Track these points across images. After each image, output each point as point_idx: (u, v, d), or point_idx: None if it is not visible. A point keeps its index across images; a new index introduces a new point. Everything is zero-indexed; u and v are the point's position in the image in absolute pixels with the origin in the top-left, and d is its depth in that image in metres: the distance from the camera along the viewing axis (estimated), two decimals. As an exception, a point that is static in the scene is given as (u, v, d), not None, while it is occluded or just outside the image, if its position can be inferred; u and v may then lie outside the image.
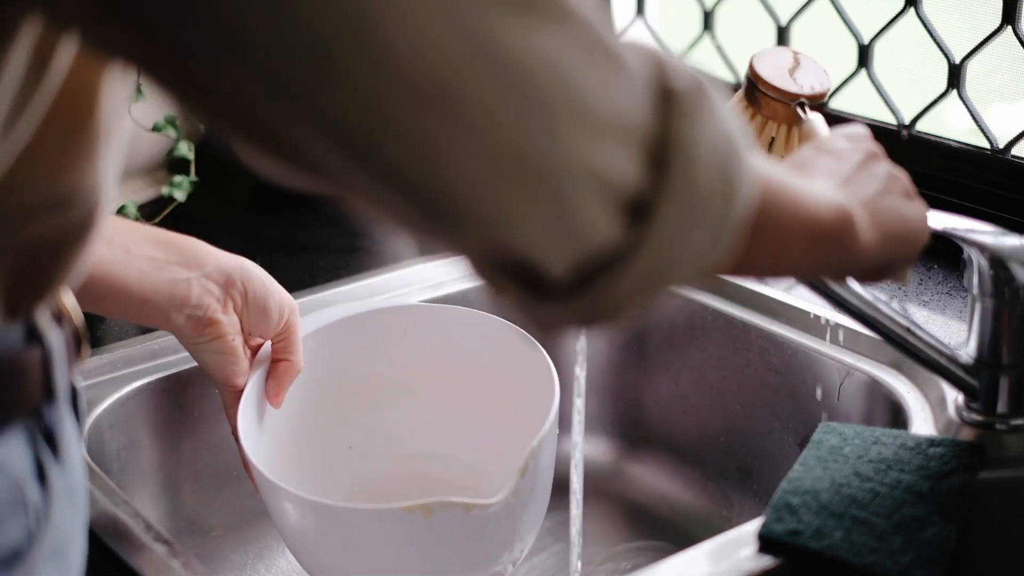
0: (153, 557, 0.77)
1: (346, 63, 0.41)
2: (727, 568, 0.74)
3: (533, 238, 0.45)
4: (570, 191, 0.45)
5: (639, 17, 1.41)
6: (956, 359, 0.85)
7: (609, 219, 0.46)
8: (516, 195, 0.44)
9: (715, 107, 0.50)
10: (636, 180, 0.46)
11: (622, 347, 1.15)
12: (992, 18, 1.09)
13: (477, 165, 0.43)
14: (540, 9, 0.44)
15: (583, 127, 0.45)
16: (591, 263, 0.47)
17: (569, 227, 0.46)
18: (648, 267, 0.48)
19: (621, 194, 0.46)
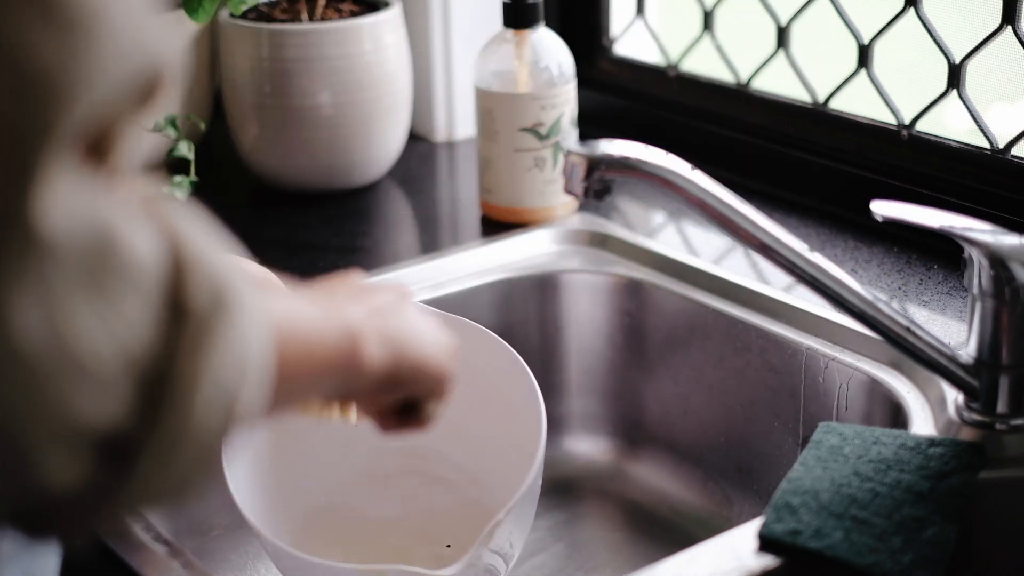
0: (153, 557, 0.77)
1: None
2: (727, 568, 0.74)
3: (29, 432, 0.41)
4: (29, 445, 0.41)
5: (639, 17, 1.41)
6: (956, 359, 0.85)
7: (76, 466, 0.42)
8: (13, 385, 0.40)
9: (231, 326, 0.45)
10: (121, 421, 0.43)
11: (622, 347, 1.15)
12: (992, 18, 1.09)
13: None
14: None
15: (64, 378, 0.41)
16: (59, 504, 0.43)
17: (24, 478, 0.42)
18: (117, 509, 0.45)
19: (99, 438, 0.43)
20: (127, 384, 0.43)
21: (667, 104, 1.38)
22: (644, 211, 1.26)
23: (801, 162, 1.24)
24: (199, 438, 0.45)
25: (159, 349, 0.44)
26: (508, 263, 1.16)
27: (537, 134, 1.19)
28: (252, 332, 0.47)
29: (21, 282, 0.40)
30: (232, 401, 0.46)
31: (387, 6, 1.34)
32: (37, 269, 0.41)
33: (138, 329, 0.43)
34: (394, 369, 0.62)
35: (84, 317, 0.41)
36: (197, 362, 0.44)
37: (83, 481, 0.43)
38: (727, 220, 0.83)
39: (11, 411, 0.41)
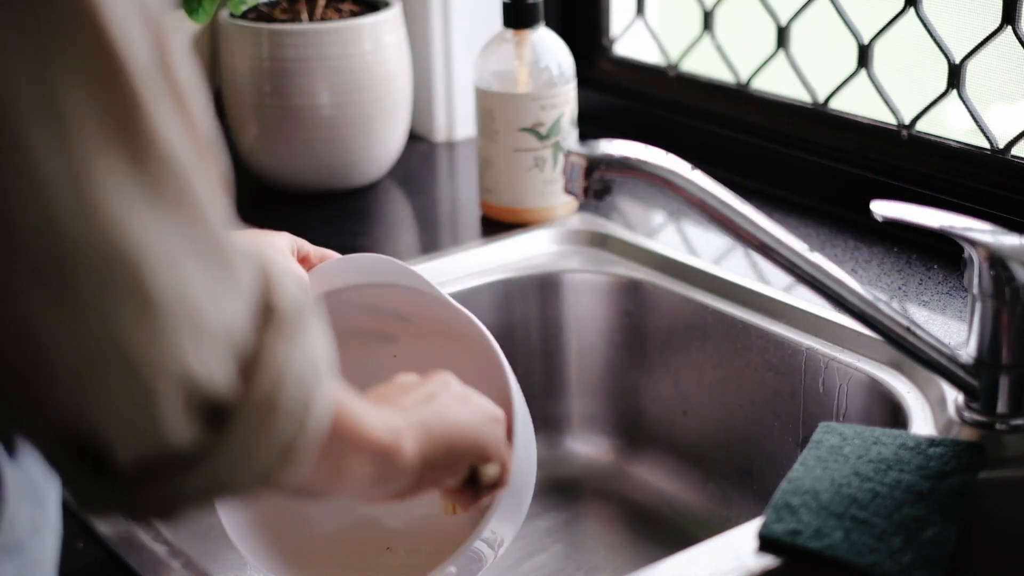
0: (153, 557, 0.77)
1: None
2: (727, 568, 0.74)
3: (109, 424, 0.46)
4: (158, 390, 0.46)
5: (639, 17, 1.41)
6: (956, 359, 0.85)
7: (188, 422, 0.47)
8: (105, 383, 0.45)
9: (310, 331, 0.52)
10: (222, 388, 0.48)
11: (622, 347, 1.15)
12: (992, 18, 1.09)
13: (75, 346, 0.45)
14: (169, 203, 0.46)
15: (186, 331, 0.46)
16: (158, 461, 0.48)
17: (148, 423, 0.46)
18: (210, 476, 0.49)
19: (206, 400, 0.47)
20: (229, 355, 0.48)
21: (667, 104, 1.38)
22: (644, 211, 1.26)
23: (801, 162, 1.24)
24: (283, 421, 0.50)
25: (252, 337, 0.49)
26: (508, 263, 1.16)
27: (537, 134, 1.19)
28: (323, 347, 0.53)
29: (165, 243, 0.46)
30: (309, 397, 0.51)
31: (387, 6, 1.34)
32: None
33: (239, 319, 0.49)
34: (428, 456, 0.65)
35: (202, 290, 0.47)
36: (283, 349, 0.50)
37: (188, 441, 0.47)
38: (727, 220, 0.83)
39: (146, 352, 0.45)
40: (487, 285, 1.14)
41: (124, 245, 0.44)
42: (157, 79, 0.45)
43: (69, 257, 0.44)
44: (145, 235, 0.45)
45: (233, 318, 0.48)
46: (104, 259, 0.44)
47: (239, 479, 0.50)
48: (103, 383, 0.45)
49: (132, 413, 0.46)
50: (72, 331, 0.44)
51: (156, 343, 0.45)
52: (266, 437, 0.49)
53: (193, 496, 0.49)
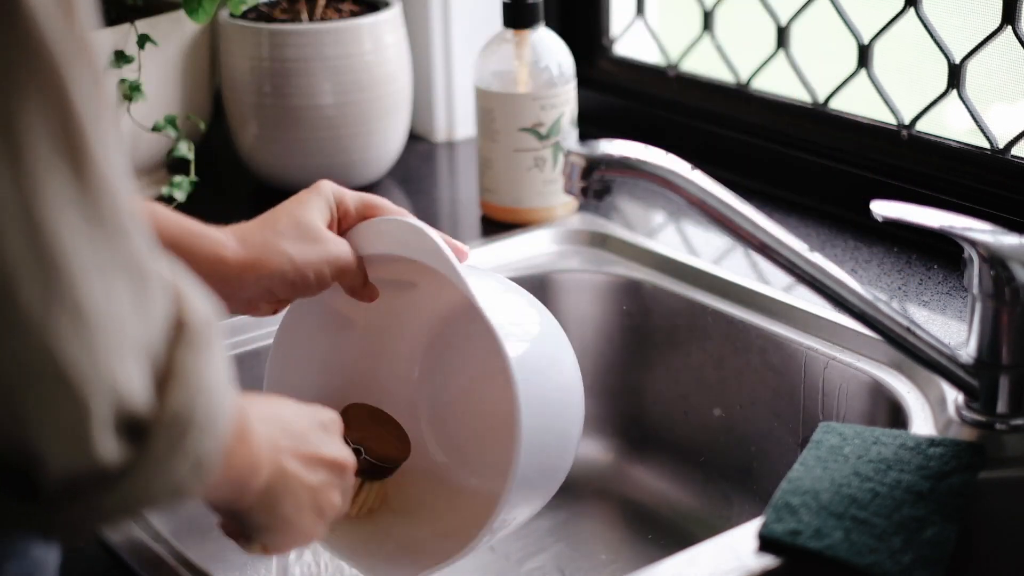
0: (153, 557, 0.77)
1: None
2: (727, 568, 0.74)
3: (43, 439, 0.46)
4: (91, 406, 0.47)
5: (639, 17, 1.41)
6: (956, 359, 0.85)
7: (113, 437, 0.48)
8: (42, 397, 0.46)
9: (216, 345, 0.53)
10: (143, 404, 0.49)
11: (622, 347, 1.15)
12: (992, 18, 1.09)
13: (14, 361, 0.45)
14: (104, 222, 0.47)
15: (114, 346, 0.47)
16: (84, 479, 0.48)
17: (80, 439, 0.47)
18: (130, 493, 0.49)
19: (129, 416, 0.48)
20: (148, 370, 0.49)
21: (667, 104, 1.38)
22: (644, 211, 1.26)
23: (801, 162, 1.24)
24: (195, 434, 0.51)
25: (165, 349, 0.51)
26: (508, 263, 1.16)
27: (537, 134, 1.19)
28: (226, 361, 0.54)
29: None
30: (218, 409, 0.52)
31: (387, 6, 1.34)
32: None
33: (155, 331, 0.50)
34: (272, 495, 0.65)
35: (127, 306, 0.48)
36: (194, 361, 0.51)
37: (113, 456, 0.48)
38: (727, 220, 0.83)
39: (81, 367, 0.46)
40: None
41: (64, 261, 0.45)
42: (95, 102, 0.47)
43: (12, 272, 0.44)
44: (83, 252, 0.46)
45: (151, 333, 0.49)
46: (45, 274, 0.45)
47: (155, 494, 0.51)
48: (41, 397, 0.46)
49: (67, 429, 0.46)
50: (11, 345, 0.45)
51: (90, 358, 0.46)
52: (181, 451, 0.51)
53: (111, 514, 0.50)
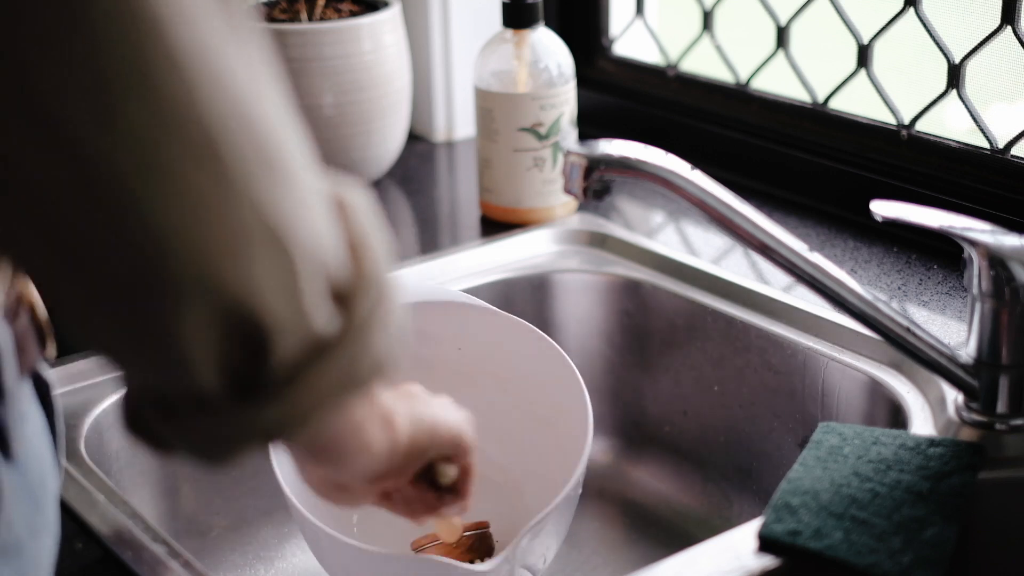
0: (152, 557, 0.77)
1: (126, 108, 0.41)
2: (727, 568, 0.74)
3: (272, 308, 0.45)
4: (307, 269, 0.45)
5: (639, 17, 1.41)
6: (956, 359, 0.85)
7: (326, 305, 0.47)
8: (264, 263, 0.44)
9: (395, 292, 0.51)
10: (342, 268, 0.48)
11: (622, 347, 1.15)
12: (992, 18, 1.09)
13: (235, 227, 0.43)
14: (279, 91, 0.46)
15: (316, 207, 0.46)
16: (310, 346, 0.47)
17: (301, 304, 0.46)
18: (348, 366, 0.48)
19: (334, 280, 0.47)
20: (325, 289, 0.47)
21: (667, 104, 1.38)
22: (644, 211, 1.26)
23: (801, 162, 1.24)
24: (386, 303, 0.49)
25: (348, 272, 0.48)
26: (508, 263, 1.16)
27: (537, 134, 1.19)
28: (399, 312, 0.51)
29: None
30: (391, 348, 0.50)
31: (387, 6, 1.34)
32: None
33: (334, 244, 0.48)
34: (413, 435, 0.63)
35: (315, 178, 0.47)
36: (371, 238, 0.50)
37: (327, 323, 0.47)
38: (727, 220, 0.83)
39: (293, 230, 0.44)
40: (486, 285, 1.14)
41: (265, 123, 0.44)
42: None
43: (222, 135, 0.43)
44: (278, 115, 0.45)
45: (332, 248, 0.48)
46: (250, 135, 0.43)
47: (367, 364, 0.49)
48: (260, 266, 0.44)
49: (289, 297, 0.45)
50: (228, 209, 0.43)
51: (299, 225, 0.45)
52: (379, 320, 0.49)
53: (327, 396, 0.48)
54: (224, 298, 0.44)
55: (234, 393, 0.46)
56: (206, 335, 0.44)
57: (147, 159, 0.42)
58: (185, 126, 0.42)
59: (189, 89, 0.42)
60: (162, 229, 0.42)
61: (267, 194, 0.44)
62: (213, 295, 0.44)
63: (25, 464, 0.57)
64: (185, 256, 0.43)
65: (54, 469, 0.61)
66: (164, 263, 0.43)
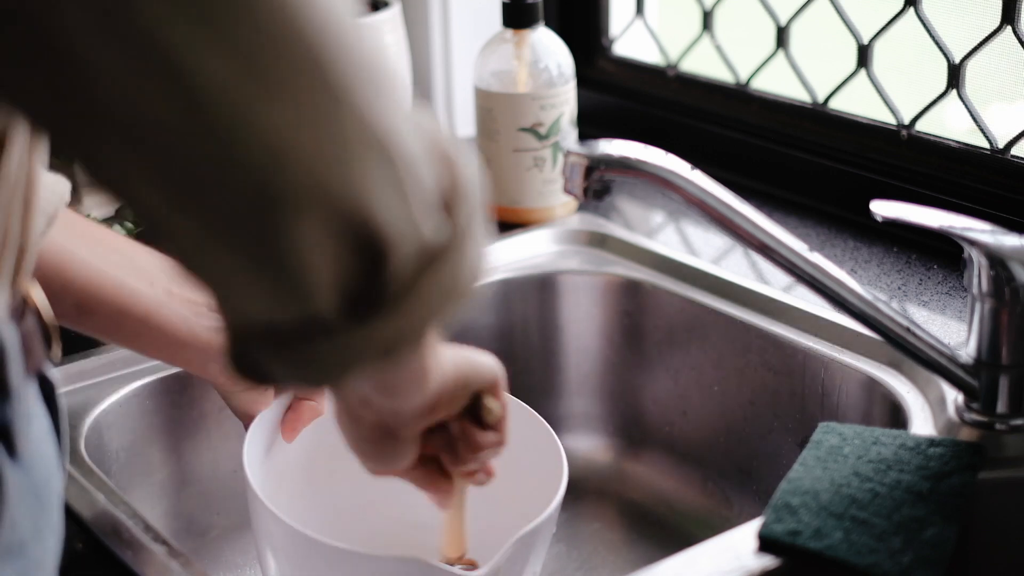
0: (152, 557, 0.77)
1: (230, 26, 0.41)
2: (727, 568, 0.74)
3: (387, 217, 0.45)
4: (416, 178, 0.46)
5: (639, 17, 1.41)
6: (956, 359, 0.85)
7: (434, 213, 0.47)
8: (376, 172, 0.44)
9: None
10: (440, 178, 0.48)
11: (622, 347, 1.15)
12: (992, 18, 1.09)
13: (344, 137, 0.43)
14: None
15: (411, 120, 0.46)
16: (423, 256, 0.47)
17: (413, 213, 0.46)
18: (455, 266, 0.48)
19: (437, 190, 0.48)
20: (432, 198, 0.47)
21: (667, 104, 1.38)
22: (644, 211, 1.26)
23: (801, 162, 1.24)
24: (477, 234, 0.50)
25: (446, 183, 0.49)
26: (508, 263, 1.16)
27: (537, 134, 1.19)
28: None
29: None
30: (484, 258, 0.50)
31: (387, 6, 1.34)
32: None
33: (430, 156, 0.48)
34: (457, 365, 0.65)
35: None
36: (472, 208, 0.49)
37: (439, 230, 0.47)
38: (727, 220, 0.83)
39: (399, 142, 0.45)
40: (486, 285, 1.14)
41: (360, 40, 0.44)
42: None
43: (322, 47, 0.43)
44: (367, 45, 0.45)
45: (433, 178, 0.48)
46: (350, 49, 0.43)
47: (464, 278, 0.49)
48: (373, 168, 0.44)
49: (400, 200, 0.45)
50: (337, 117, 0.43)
51: (403, 131, 0.45)
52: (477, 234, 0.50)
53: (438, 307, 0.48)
54: (341, 208, 0.43)
55: (351, 312, 0.46)
56: (324, 250, 0.44)
57: (253, 76, 0.41)
58: (289, 40, 0.42)
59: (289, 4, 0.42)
60: (273, 144, 0.42)
61: (371, 105, 0.44)
62: (330, 206, 0.43)
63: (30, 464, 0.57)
64: (298, 169, 0.42)
65: (58, 470, 0.61)
66: (278, 178, 0.42)
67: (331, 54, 0.43)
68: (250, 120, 0.42)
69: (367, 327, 0.46)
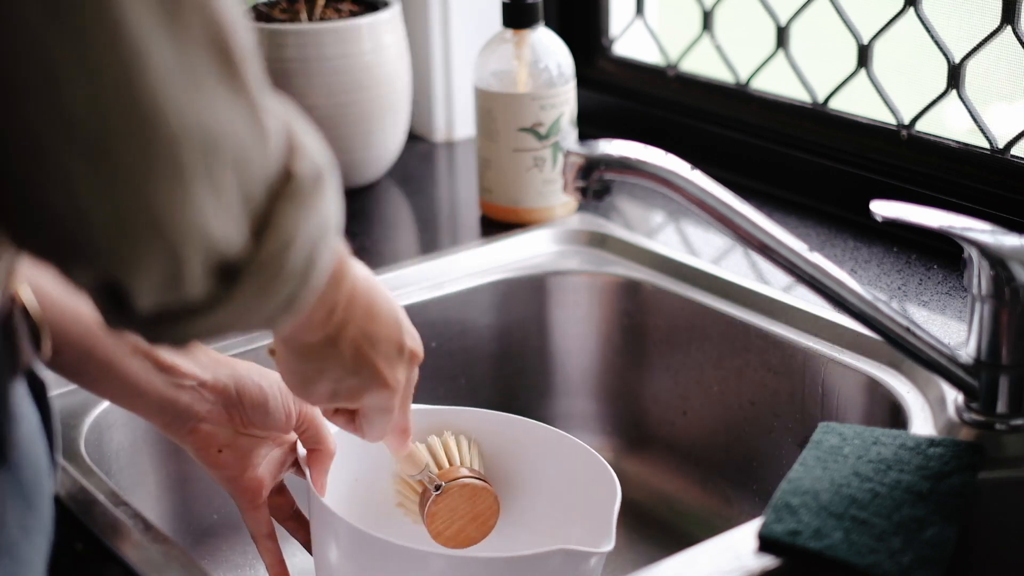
0: (153, 557, 0.77)
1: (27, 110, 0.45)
2: (727, 568, 0.74)
3: (135, 280, 0.49)
4: (183, 254, 0.49)
5: (639, 17, 1.41)
6: (956, 359, 0.85)
7: (205, 278, 0.50)
8: (137, 247, 0.48)
9: (325, 194, 0.54)
10: (236, 248, 0.51)
11: (622, 347, 1.15)
12: (992, 18, 1.09)
13: (112, 213, 0.47)
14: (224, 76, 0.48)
15: (211, 198, 0.49)
16: (174, 308, 0.50)
17: (171, 282, 0.49)
18: (218, 321, 0.52)
19: (222, 258, 0.50)
20: (245, 218, 0.51)
21: (667, 104, 1.38)
22: (644, 211, 1.26)
23: (801, 162, 1.24)
24: (287, 280, 0.53)
25: (266, 200, 0.51)
26: (507, 263, 1.16)
27: (537, 134, 1.19)
28: (336, 208, 0.56)
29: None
30: (314, 257, 0.54)
31: (386, 6, 1.34)
32: None
33: (261, 180, 0.51)
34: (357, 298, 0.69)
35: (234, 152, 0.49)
36: (295, 215, 0.52)
37: (202, 295, 0.50)
38: (727, 220, 0.83)
39: (176, 220, 0.48)
40: (487, 285, 1.14)
41: (166, 118, 0.46)
42: None
43: (113, 131, 0.46)
44: (187, 101, 0.47)
45: (256, 183, 0.51)
46: (145, 133, 0.46)
47: (243, 325, 0.54)
48: (135, 247, 0.48)
49: (158, 274, 0.49)
50: (110, 199, 0.47)
51: (185, 211, 0.48)
52: (271, 293, 0.53)
53: (202, 335, 0.53)
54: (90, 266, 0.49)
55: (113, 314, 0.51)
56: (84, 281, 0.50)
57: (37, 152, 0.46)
58: (80, 124, 0.45)
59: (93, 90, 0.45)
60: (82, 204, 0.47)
61: (155, 192, 0.47)
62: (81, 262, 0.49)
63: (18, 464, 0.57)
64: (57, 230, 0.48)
65: (49, 469, 0.61)
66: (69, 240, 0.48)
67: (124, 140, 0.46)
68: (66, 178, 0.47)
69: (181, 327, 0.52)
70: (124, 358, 0.78)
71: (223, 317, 0.52)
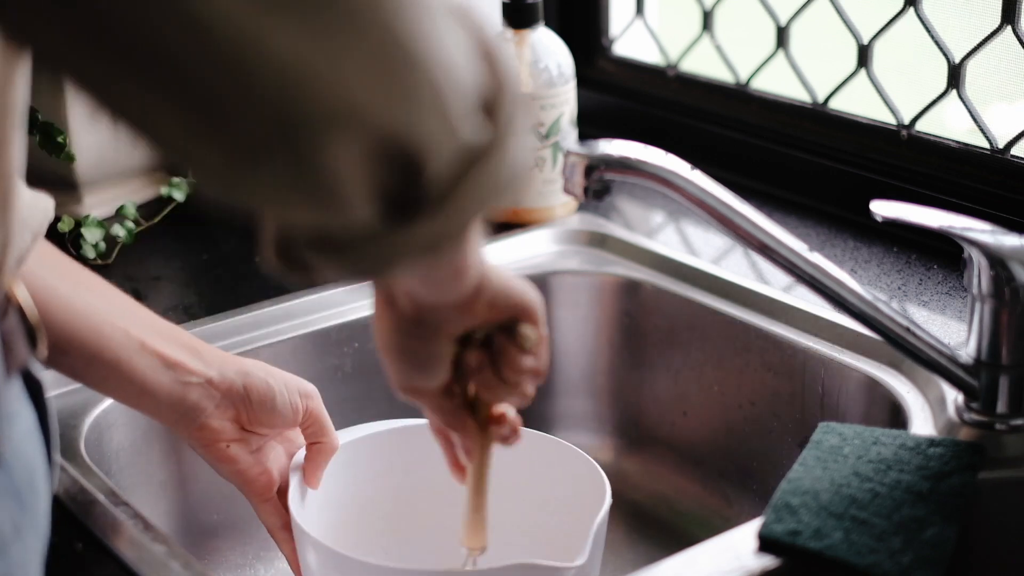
0: (153, 557, 0.77)
1: None
2: (727, 568, 0.74)
3: (419, 128, 0.45)
4: (450, 83, 0.45)
5: (639, 17, 1.41)
6: (956, 359, 0.85)
7: (474, 115, 0.47)
8: (405, 84, 0.44)
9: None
10: (481, 77, 0.48)
11: (622, 347, 1.15)
12: (992, 18, 1.09)
13: (369, 55, 0.43)
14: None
15: (447, 19, 0.46)
16: (462, 158, 0.47)
17: (449, 118, 0.46)
18: (497, 164, 0.48)
19: (477, 90, 0.47)
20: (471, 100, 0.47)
21: (667, 104, 1.38)
22: (643, 211, 1.26)
23: (801, 162, 1.24)
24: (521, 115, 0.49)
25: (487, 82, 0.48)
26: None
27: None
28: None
29: None
30: (527, 155, 0.50)
31: (387, 6, 1.34)
32: None
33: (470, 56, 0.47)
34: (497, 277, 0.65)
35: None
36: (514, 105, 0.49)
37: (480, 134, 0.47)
38: (727, 220, 0.83)
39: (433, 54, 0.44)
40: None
41: None
42: None
43: None
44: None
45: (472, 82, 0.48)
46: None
47: (508, 177, 0.49)
48: (403, 89, 0.44)
49: (433, 108, 0.45)
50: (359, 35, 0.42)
51: (434, 37, 0.44)
52: (519, 131, 0.49)
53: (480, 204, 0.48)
54: (368, 126, 0.43)
55: (391, 217, 0.46)
56: (357, 166, 0.44)
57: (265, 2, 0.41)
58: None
59: None
60: (289, 69, 0.41)
61: (396, 13, 0.43)
62: (357, 125, 0.43)
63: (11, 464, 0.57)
64: (319, 91, 0.42)
65: (45, 469, 0.61)
66: (297, 103, 0.42)
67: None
68: (261, 46, 0.41)
69: (408, 229, 0.47)
70: (132, 357, 0.79)
71: (499, 162, 0.48)
